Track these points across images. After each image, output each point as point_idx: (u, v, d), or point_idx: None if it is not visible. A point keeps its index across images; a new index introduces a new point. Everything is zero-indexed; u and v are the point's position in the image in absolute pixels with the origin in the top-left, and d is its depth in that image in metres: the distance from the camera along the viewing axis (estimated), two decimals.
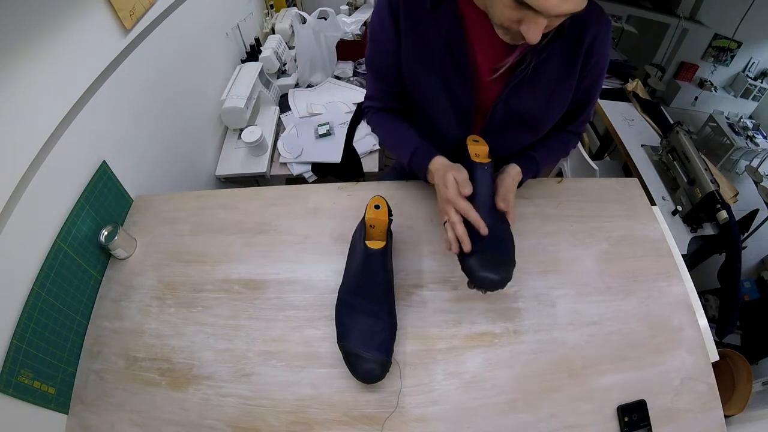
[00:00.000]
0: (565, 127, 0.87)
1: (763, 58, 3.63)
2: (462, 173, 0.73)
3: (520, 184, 0.80)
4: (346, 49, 1.85)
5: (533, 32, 0.55)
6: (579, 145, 1.66)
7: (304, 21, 1.64)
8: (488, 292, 0.69)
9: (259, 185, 1.47)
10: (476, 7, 0.68)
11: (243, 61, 1.65)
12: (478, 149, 0.77)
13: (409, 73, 0.79)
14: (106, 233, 0.85)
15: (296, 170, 1.47)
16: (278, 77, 1.76)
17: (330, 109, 1.63)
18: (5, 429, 0.64)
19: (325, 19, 1.65)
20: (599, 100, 2.00)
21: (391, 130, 0.86)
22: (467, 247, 0.67)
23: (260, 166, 1.44)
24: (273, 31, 1.85)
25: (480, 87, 0.76)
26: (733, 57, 3.64)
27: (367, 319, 0.72)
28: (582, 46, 0.71)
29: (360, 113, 1.61)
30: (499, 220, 0.73)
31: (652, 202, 0.99)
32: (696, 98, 3.75)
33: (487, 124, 0.80)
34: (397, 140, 0.85)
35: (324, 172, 1.50)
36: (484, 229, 0.68)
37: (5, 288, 0.66)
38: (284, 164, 1.49)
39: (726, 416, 0.73)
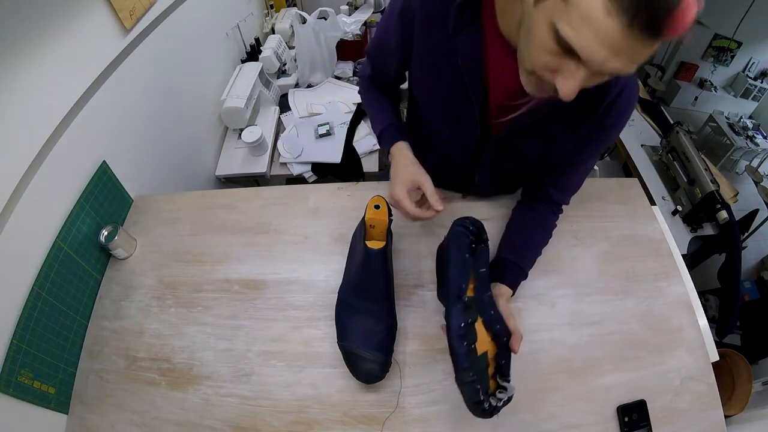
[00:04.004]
0: (551, 194, 0.81)
1: (763, 58, 3.64)
2: (418, 180, 0.73)
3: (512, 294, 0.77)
4: (346, 49, 1.85)
5: (569, 86, 0.48)
6: None
7: (304, 21, 1.64)
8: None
9: (259, 185, 1.47)
10: (501, 41, 0.61)
11: (243, 61, 1.65)
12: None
13: (417, 87, 0.76)
14: (106, 233, 0.85)
15: (296, 170, 1.47)
16: (278, 77, 1.76)
17: (330, 109, 1.63)
18: (5, 429, 0.64)
19: (325, 19, 1.65)
20: None
21: (373, 100, 0.88)
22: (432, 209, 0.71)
23: (260, 166, 1.44)
24: (273, 31, 1.85)
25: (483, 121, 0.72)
26: (733, 57, 3.64)
27: (367, 319, 0.72)
28: (603, 101, 0.64)
29: (360, 113, 1.61)
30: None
31: (652, 202, 0.99)
32: (696, 98, 3.75)
33: (484, 157, 0.78)
34: (374, 112, 0.87)
35: (324, 172, 1.50)
36: (438, 205, 0.70)
37: (5, 288, 0.66)
38: (284, 164, 1.49)
39: (726, 416, 0.73)
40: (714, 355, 0.78)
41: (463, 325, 0.61)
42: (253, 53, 1.70)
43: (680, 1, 0.38)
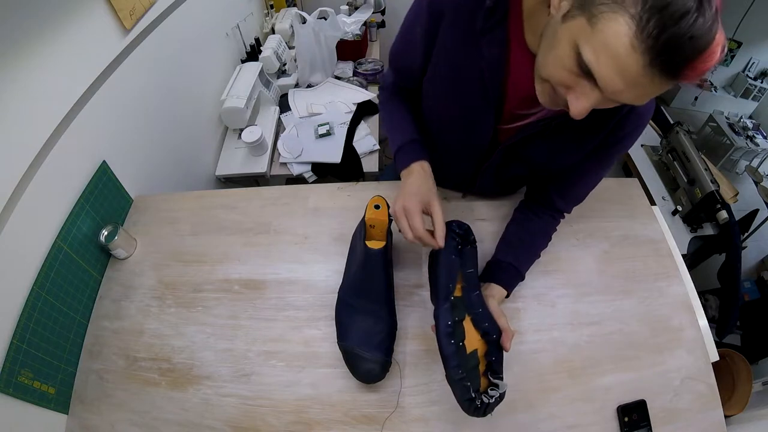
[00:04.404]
0: (555, 202, 0.80)
1: (763, 58, 3.63)
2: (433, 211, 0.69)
3: (507, 295, 0.77)
4: (346, 49, 1.85)
5: (581, 104, 0.49)
6: None
7: (304, 21, 1.64)
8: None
9: (259, 185, 1.47)
10: (523, 49, 0.61)
11: (243, 61, 1.65)
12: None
13: (432, 84, 0.73)
14: (106, 233, 0.85)
15: (296, 170, 1.47)
16: (278, 77, 1.76)
17: (330, 109, 1.63)
18: (5, 429, 0.64)
19: (325, 19, 1.64)
20: None
21: (394, 111, 0.83)
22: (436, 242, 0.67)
23: (260, 166, 1.44)
24: (273, 31, 1.85)
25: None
26: (733, 57, 3.64)
27: (367, 319, 0.72)
28: (618, 112, 0.63)
29: (360, 113, 1.61)
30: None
31: (652, 202, 0.99)
32: (696, 98, 3.75)
33: (489, 161, 0.77)
34: (394, 124, 0.81)
35: (324, 172, 1.49)
36: (441, 241, 0.66)
37: (5, 288, 0.66)
38: (284, 164, 1.49)
39: (726, 416, 0.74)
40: (714, 355, 0.78)
41: (450, 323, 0.61)
42: (253, 53, 1.70)
43: (702, 52, 0.39)
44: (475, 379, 0.61)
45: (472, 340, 0.64)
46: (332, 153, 1.48)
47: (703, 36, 0.39)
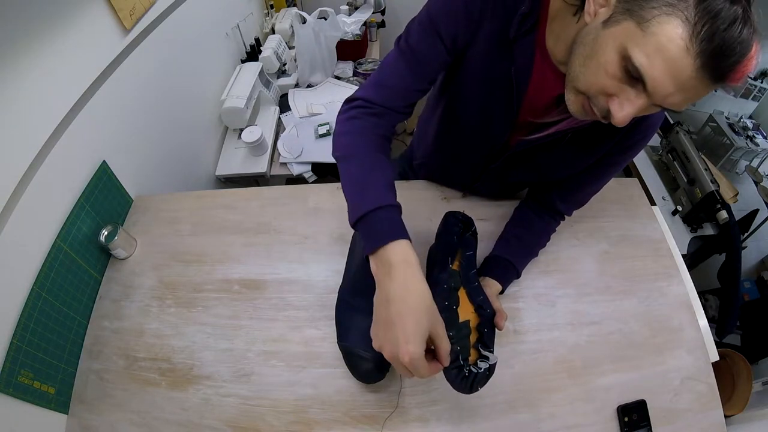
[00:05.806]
0: (557, 205, 0.80)
1: (763, 58, 3.62)
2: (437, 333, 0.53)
3: (502, 291, 0.77)
4: (346, 49, 1.85)
5: (626, 112, 0.47)
6: None
7: (304, 21, 1.64)
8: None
9: (259, 185, 1.47)
10: (546, 57, 0.60)
11: (243, 61, 1.65)
12: None
13: (460, 83, 0.69)
14: (106, 233, 0.85)
15: (296, 170, 1.47)
16: (278, 77, 1.76)
17: (330, 109, 1.63)
18: (5, 429, 0.64)
19: (325, 19, 1.65)
20: None
21: (368, 154, 0.62)
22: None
23: (260, 166, 1.44)
24: (273, 31, 1.85)
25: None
26: None
27: (367, 319, 0.71)
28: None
29: None
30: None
31: (652, 202, 0.99)
32: None
33: (496, 164, 0.77)
34: (366, 173, 0.61)
35: (324, 172, 1.50)
36: (446, 360, 0.54)
37: (5, 288, 0.66)
38: (284, 164, 1.49)
39: (726, 416, 0.74)
40: (714, 355, 0.78)
41: (446, 286, 0.62)
42: (253, 53, 1.70)
43: (744, 56, 0.41)
44: (465, 348, 0.60)
45: (466, 311, 0.64)
46: None
47: (749, 41, 0.41)
